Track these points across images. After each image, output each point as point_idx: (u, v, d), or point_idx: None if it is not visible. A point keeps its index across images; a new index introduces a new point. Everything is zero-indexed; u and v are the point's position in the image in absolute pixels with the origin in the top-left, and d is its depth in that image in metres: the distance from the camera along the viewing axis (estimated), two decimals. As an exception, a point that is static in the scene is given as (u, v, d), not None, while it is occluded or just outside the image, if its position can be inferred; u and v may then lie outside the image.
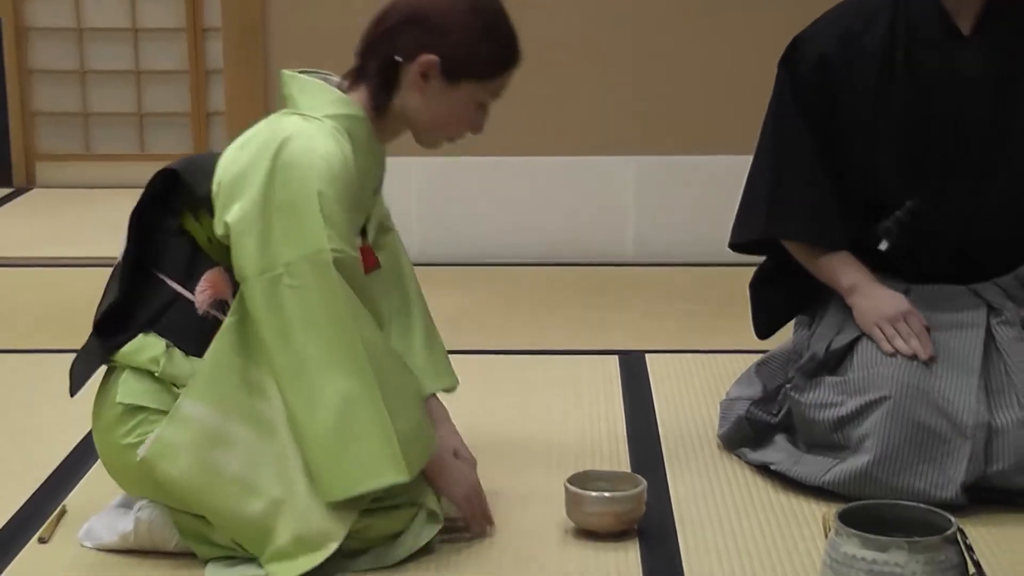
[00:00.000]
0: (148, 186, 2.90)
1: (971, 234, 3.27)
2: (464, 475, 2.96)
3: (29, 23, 6.96)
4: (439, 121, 2.92)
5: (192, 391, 2.78)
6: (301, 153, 2.75)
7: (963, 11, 3.22)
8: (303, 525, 2.75)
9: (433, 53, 2.82)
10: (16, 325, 4.60)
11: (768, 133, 3.40)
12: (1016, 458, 3.06)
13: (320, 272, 2.70)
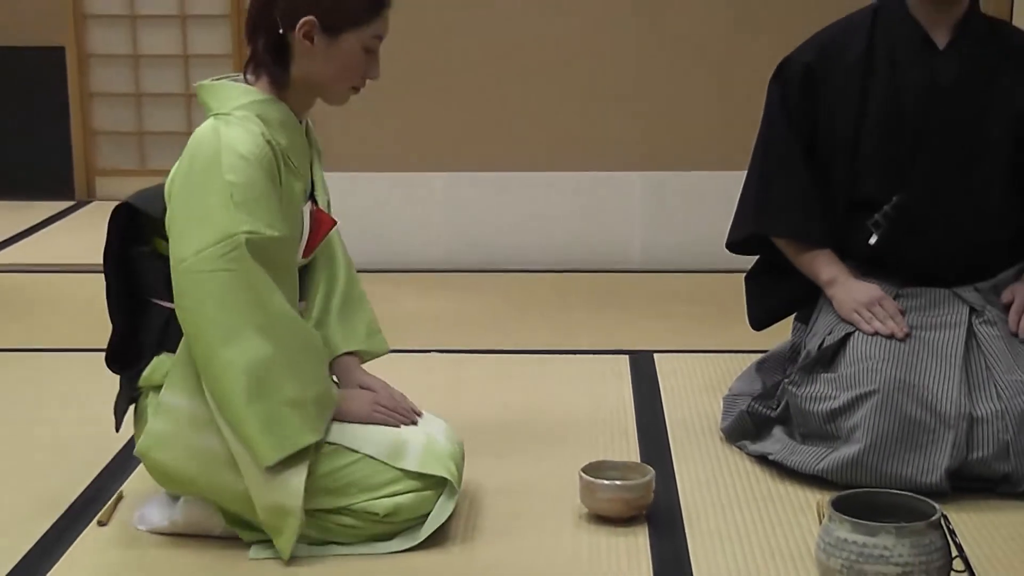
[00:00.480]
0: (110, 225, 2.93)
1: (954, 232, 3.28)
2: (356, 398, 2.92)
3: (90, 51, 6.97)
4: (335, 75, 2.87)
5: (169, 384, 2.80)
6: (209, 148, 2.74)
7: (938, 26, 3.27)
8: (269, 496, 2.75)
9: (309, 15, 2.79)
10: (79, 326, 4.59)
11: (759, 141, 3.46)
12: (995, 446, 3.05)
13: (229, 254, 2.68)
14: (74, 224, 6.49)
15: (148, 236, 2.92)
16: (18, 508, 3.09)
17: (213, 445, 2.78)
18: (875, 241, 3.27)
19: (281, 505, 2.75)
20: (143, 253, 2.93)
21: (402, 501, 2.82)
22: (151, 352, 2.89)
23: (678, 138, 5.32)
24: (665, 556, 2.83)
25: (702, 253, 5.19)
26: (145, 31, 6.96)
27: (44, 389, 3.95)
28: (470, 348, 4.32)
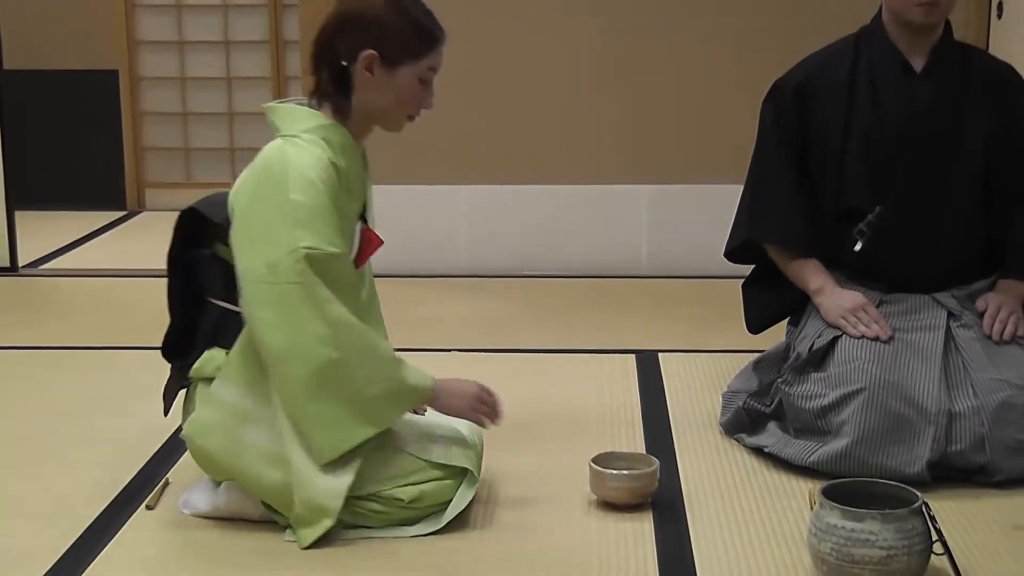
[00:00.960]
0: (176, 228, 2.94)
1: (931, 240, 3.29)
2: (459, 390, 2.92)
3: (141, 74, 6.99)
4: (393, 105, 2.88)
5: (221, 377, 2.82)
6: (278, 168, 2.76)
7: (915, 52, 3.29)
8: (309, 493, 2.76)
9: (370, 49, 2.81)
10: (130, 325, 4.61)
11: (754, 157, 3.48)
12: (972, 440, 3.04)
13: (294, 267, 2.69)
14: (126, 232, 6.50)
15: (210, 240, 2.93)
16: (73, 494, 3.09)
17: (254, 439, 2.79)
18: (860, 248, 3.29)
19: (321, 505, 2.75)
20: (204, 256, 2.94)
21: (426, 489, 2.83)
22: (204, 345, 2.90)
23: (682, 154, 5.33)
24: (668, 540, 2.83)
25: (704, 260, 5.18)
26: (191, 56, 6.98)
27: (97, 383, 3.96)
28: (489, 347, 4.33)
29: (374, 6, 2.82)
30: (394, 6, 2.82)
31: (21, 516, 2.98)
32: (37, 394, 3.87)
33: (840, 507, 2.51)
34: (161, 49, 6.98)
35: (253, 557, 2.76)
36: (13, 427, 3.57)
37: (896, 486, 2.63)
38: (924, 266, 3.30)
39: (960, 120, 3.28)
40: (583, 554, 2.76)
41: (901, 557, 2.47)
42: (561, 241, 5.38)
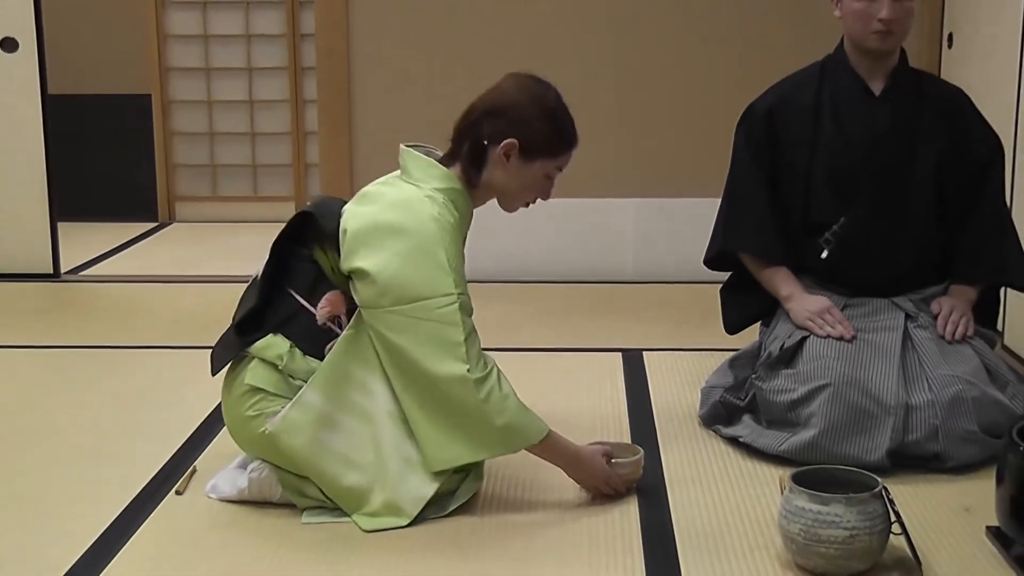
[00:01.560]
0: (289, 222, 2.93)
1: (890, 248, 3.30)
2: (596, 469, 2.91)
3: (172, 97, 6.99)
4: (518, 190, 2.92)
5: (314, 383, 2.79)
6: (426, 219, 2.77)
7: (874, 77, 3.30)
8: (392, 495, 2.77)
9: (514, 138, 2.83)
10: (161, 326, 4.61)
11: (729, 174, 3.49)
12: (927, 430, 3.05)
13: (448, 310, 2.72)
14: (157, 242, 6.50)
15: (311, 242, 2.91)
16: (108, 480, 3.09)
17: (335, 445, 2.78)
18: (826, 255, 3.30)
19: (401, 507, 2.77)
20: (302, 253, 2.91)
21: (435, 481, 2.84)
22: (270, 329, 2.87)
23: (666, 170, 5.33)
24: (652, 521, 2.83)
25: (685, 267, 5.18)
26: (217, 81, 6.97)
27: (130, 380, 3.95)
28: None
29: (530, 101, 2.86)
30: (546, 106, 2.87)
31: (62, 501, 2.98)
32: (75, 390, 3.87)
33: (808, 491, 2.51)
34: (190, 75, 6.98)
35: (275, 538, 2.75)
36: (53, 420, 3.57)
37: (858, 472, 2.63)
38: (883, 273, 3.31)
39: (916, 140, 3.29)
40: (575, 534, 2.77)
41: (863, 537, 2.47)
42: (553, 250, 5.38)
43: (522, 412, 2.80)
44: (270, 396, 2.83)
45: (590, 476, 2.91)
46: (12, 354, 4.29)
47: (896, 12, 3.18)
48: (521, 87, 2.89)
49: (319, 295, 2.86)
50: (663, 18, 5.24)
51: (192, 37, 6.93)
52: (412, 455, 2.80)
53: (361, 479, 2.78)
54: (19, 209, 5.52)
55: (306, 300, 2.87)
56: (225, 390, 2.94)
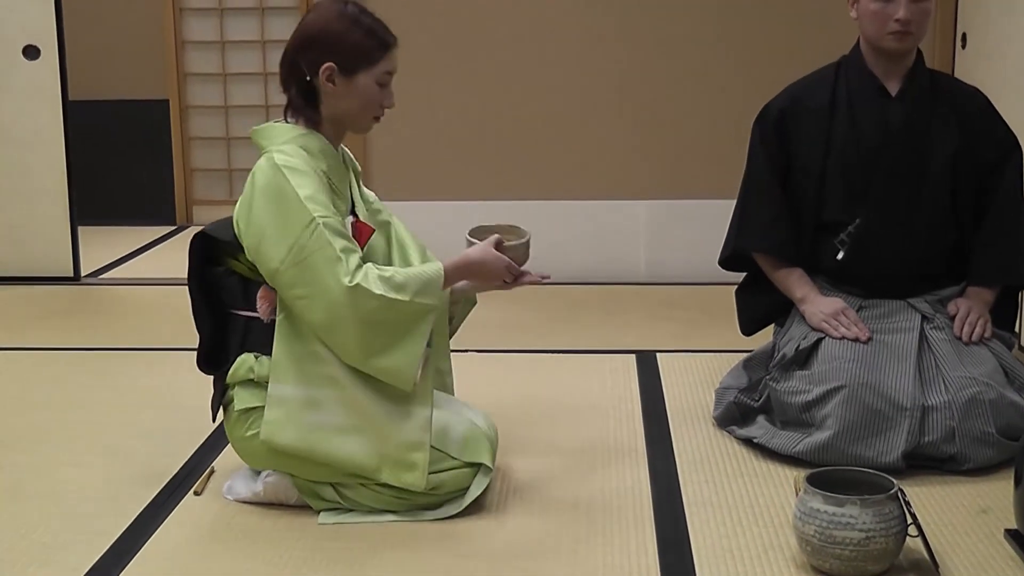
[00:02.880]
0: (190, 250, 2.92)
1: (905, 247, 3.27)
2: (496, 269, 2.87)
3: (189, 103, 6.98)
4: (357, 109, 2.86)
5: (274, 379, 2.78)
6: (271, 172, 2.75)
7: (889, 77, 3.27)
8: (392, 448, 2.74)
9: (328, 61, 2.79)
10: (179, 328, 4.59)
11: (744, 174, 3.45)
12: (943, 431, 3.01)
13: (312, 238, 2.68)
14: (175, 245, 6.49)
15: (222, 258, 2.91)
16: (128, 480, 3.08)
17: (322, 419, 2.76)
18: (842, 257, 3.26)
19: (414, 440, 2.74)
20: (220, 272, 2.91)
21: (445, 477, 2.81)
22: (235, 354, 2.88)
23: (677, 172, 5.32)
24: (666, 521, 2.80)
25: (698, 268, 5.17)
26: (234, 86, 6.96)
27: (150, 380, 3.94)
28: (502, 348, 4.30)
29: (327, 21, 2.81)
30: (345, 19, 2.81)
31: (84, 500, 2.96)
32: (96, 390, 3.86)
33: (823, 493, 2.47)
34: (207, 81, 6.97)
35: (289, 538, 2.74)
36: (75, 420, 3.56)
37: (874, 474, 2.60)
38: (898, 273, 3.28)
39: (930, 140, 3.25)
40: (588, 532, 2.74)
41: (879, 539, 2.44)
42: (567, 251, 5.36)
43: (413, 275, 2.76)
44: (260, 411, 2.83)
45: (494, 276, 2.88)
46: (33, 356, 4.28)
47: (913, 13, 3.14)
48: (317, 14, 2.85)
49: (253, 297, 2.86)
50: (676, 19, 5.22)
51: (209, 43, 6.92)
52: (390, 403, 2.76)
53: (361, 441, 2.75)
54: (40, 213, 5.52)
55: (247, 310, 2.87)
56: (224, 422, 2.95)
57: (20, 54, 5.38)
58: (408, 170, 5.36)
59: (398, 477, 2.75)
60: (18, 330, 4.68)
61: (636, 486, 3.00)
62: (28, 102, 5.43)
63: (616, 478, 3.05)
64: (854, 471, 2.64)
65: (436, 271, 2.79)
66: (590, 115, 5.30)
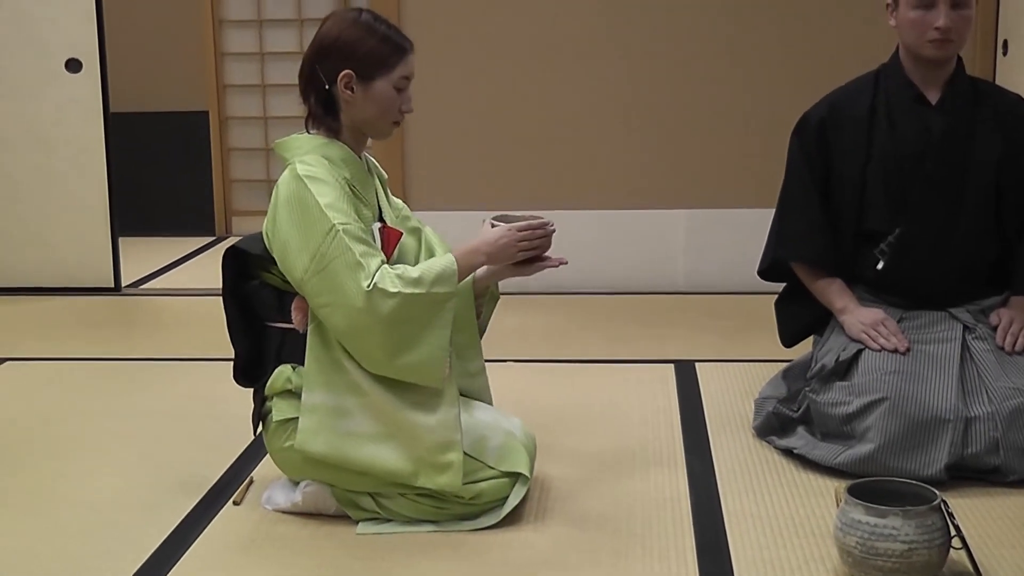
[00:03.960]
0: (223, 266, 2.92)
1: (945, 257, 3.24)
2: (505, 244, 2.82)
3: (228, 114, 7.03)
4: (376, 115, 2.86)
5: (307, 387, 2.78)
6: (293, 183, 2.76)
7: (929, 86, 3.24)
8: (430, 437, 2.73)
9: (345, 69, 2.79)
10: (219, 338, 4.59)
11: (783, 183, 3.43)
12: (986, 443, 2.98)
13: (333, 245, 2.68)
14: (215, 256, 6.47)
15: (255, 271, 2.92)
16: (168, 490, 3.09)
17: (356, 426, 2.76)
18: (882, 267, 3.23)
19: (446, 440, 2.73)
20: (253, 286, 2.92)
21: (484, 487, 2.80)
22: (272, 366, 2.88)
23: (716, 181, 5.30)
24: (706, 532, 2.78)
25: (735, 278, 5.15)
26: (273, 97, 7.00)
27: (190, 390, 3.96)
28: (541, 358, 4.30)
29: (342, 30, 2.81)
30: (360, 27, 2.81)
31: (125, 509, 2.98)
32: (136, 400, 3.88)
33: (864, 504, 2.45)
34: (246, 92, 7.01)
35: (328, 548, 2.73)
36: (116, 429, 3.58)
37: (916, 485, 2.57)
38: (939, 283, 3.25)
39: (971, 148, 3.22)
40: (627, 542, 2.72)
41: (922, 551, 2.41)
42: (606, 261, 5.35)
43: (426, 267, 2.74)
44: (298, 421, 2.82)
45: (508, 253, 2.83)
46: (75, 366, 4.31)
47: (953, 20, 3.11)
48: (332, 23, 2.85)
49: (288, 309, 2.86)
50: (716, 29, 5.21)
51: (248, 55, 6.96)
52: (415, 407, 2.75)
53: (392, 447, 2.75)
54: (81, 224, 5.56)
55: (282, 321, 2.87)
56: (263, 433, 2.95)
57: (63, 67, 5.44)
58: (446, 180, 5.36)
59: (433, 480, 2.74)
60: (59, 340, 4.72)
61: (675, 496, 2.99)
62: (70, 114, 5.48)
63: (655, 488, 3.03)
64: (896, 482, 2.61)
65: (448, 260, 2.78)
66: (629, 124, 5.29)
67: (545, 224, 2.87)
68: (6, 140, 5.50)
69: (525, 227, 2.83)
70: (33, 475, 3.21)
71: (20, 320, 5.06)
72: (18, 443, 3.47)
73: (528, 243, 2.85)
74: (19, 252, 5.57)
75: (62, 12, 5.40)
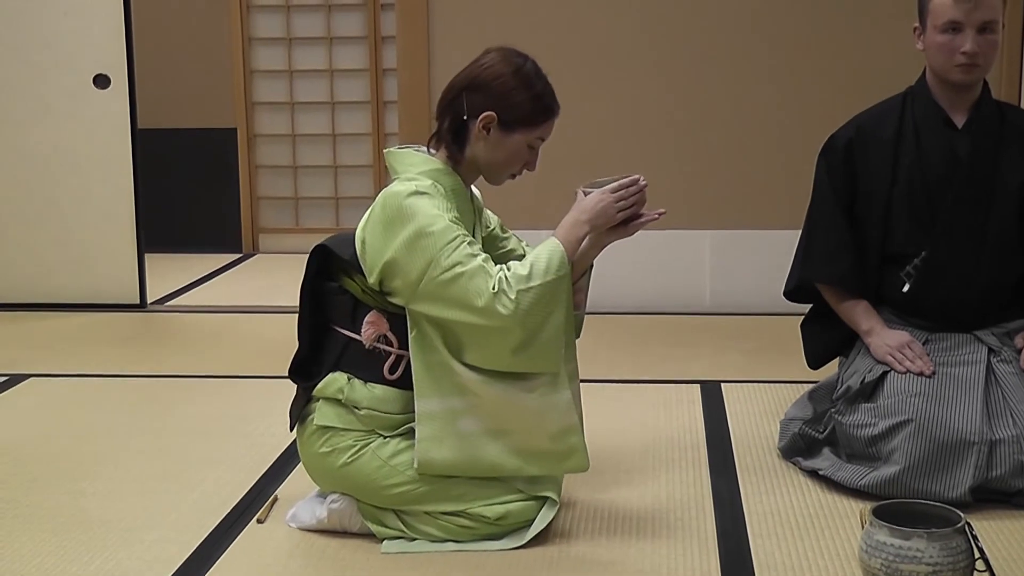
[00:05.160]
0: (308, 262, 2.93)
1: (973, 282, 3.24)
2: (602, 206, 2.85)
3: (257, 131, 7.08)
4: (501, 162, 2.88)
5: (418, 394, 2.78)
6: (405, 193, 2.75)
7: (956, 109, 3.25)
8: (552, 423, 2.77)
9: (491, 110, 2.81)
10: (244, 356, 4.64)
11: (810, 205, 3.44)
12: (1011, 465, 2.98)
13: (459, 251, 2.69)
14: (241, 273, 6.56)
15: (337, 274, 2.92)
16: (193, 507, 3.12)
17: (471, 426, 2.77)
18: (908, 289, 3.24)
19: (567, 425, 2.77)
20: (332, 288, 2.91)
21: (512, 508, 2.82)
22: (328, 370, 2.88)
23: (742, 203, 5.30)
24: (731, 553, 2.79)
25: (761, 299, 5.16)
26: (301, 116, 7.05)
27: (214, 408, 3.98)
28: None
29: (504, 73, 2.82)
30: (521, 76, 2.83)
31: (148, 527, 3.00)
32: (161, 418, 3.90)
33: (889, 526, 2.46)
34: (274, 110, 7.06)
35: (353, 567, 2.75)
36: (140, 446, 3.61)
37: (941, 507, 2.57)
38: (964, 305, 3.25)
39: (997, 172, 3.23)
40: (653, 567, 2.73)
41: (946, 573, 2.41)
42: (631, 281, 5.36)
43: (536, 259, 2.75)
44: (339, 432, 2.84)
45: (607, 217, 2.85)
46: (100, 382, 4.34)
47: (980, 44, 3.12)
48: (497, 60, 2.86)
49: (360, 320, 2.86)
50: (743, 50, 5.23)
51: (277, 72, 7.01)
52: (527, 400, 2.76)
53: (511, 442, 2.77)
54: (108, 241, 5.60)
55: (350, 330, 2.87)
56: (298, 433, 2.96)
57: (91, 83, 5.48)
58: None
59: (559, 467, 2.80)
60: (85, 357, 4.75)
61: (701, 517, 3.00)
62: (98, 130, 5.52)
63: (681, 508, 3.05)
64: (921, 504, 2.61)
65: (552, 244, 2.79)
66: (656, 145, 5.31)
67: (637, 180, 2.88)
68: (34, 155, 5.55)
69: (618, 187, 2.85)
70: (57, 492, 3.24)
71: (45, 336, 5.11)
72: (42, 459, 3.50)
73: (625, 202, 2.87)
74: (45, 268, 5.62)
75: (90, 27, 5.45)
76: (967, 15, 3.11)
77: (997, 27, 3.14)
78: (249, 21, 6.98)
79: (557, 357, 2.77)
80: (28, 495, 3.22)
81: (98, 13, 5.44)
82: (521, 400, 2.76)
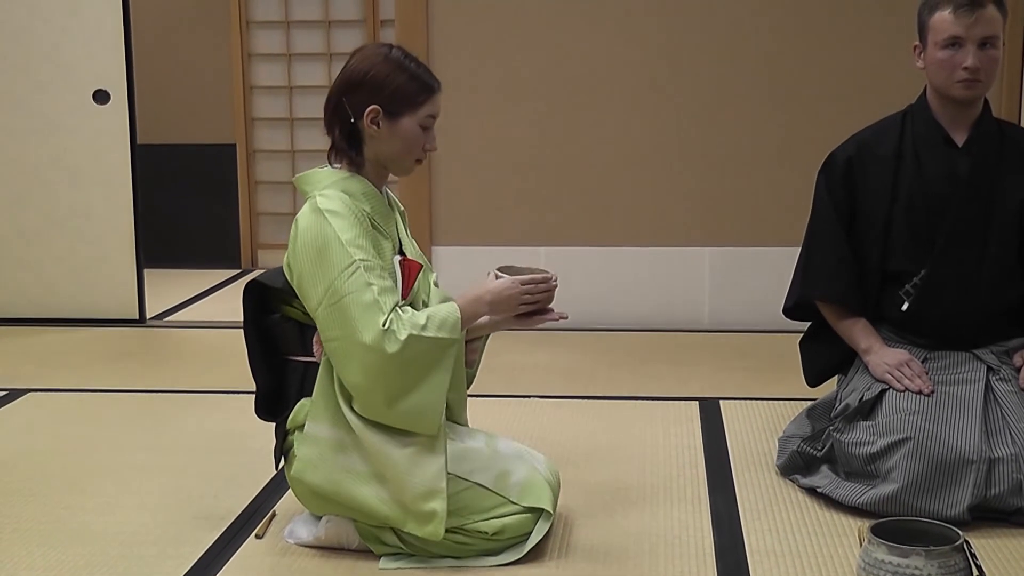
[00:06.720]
0: (244, 300, 2.95)
1: (972, 301, 3.25)
2: (508, 295, 2.84)
3: (256, 147, 7.09)
4: (400, 152, 2.88)
5: (311, 418, 2.81)
6: (312, 217, 2.76)
7: (956, 127, 3.26)
8: (415, 484, 2.73)
9: (373, 104, 2.81)
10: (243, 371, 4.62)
11: (809, 223, 3.45)
12: (1010, 484, 2.98)
13: (349, 280, 2.68)
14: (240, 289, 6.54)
15: (276, 305, 2.95)
16: (190, 522, 3.12)
17: (352, 464, 2.78)
18: (907, 308, 3.25)
19: (430, 489, 2.72)
20: (275, 320, 2.95)
21: (508, 522, 2.82)
22: (294, 400, 2.91)
23: (741, 220, 5.32)
24: (728, 570, 2.79)
25: (760, 316, 5.17)
26: (300, 132, 7.07)
27: (213, 423, 3.99)
28: (566, 394, 4.32)
29: (373, 65, 2.83)
30: (390, 63, 2.83)
31: (146, 542, 3.00)
32: (160, 433, 3.91)
33: (887, 543, 2.47)
34: (273, 126, 7.08)
35: (351, 582, 2.76)
36: (138, 461, 3.61)
37: (939, 525, 2.58)
38: (963, 324, 3.26)
39: (996, 190, 3.24)
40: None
41: (944, 591, 2.42)
42: (630, 298, 5.37)
43: (431, 313, 2.74)
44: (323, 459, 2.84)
45: (509, 305, 2.84)
46: (99, 397, 4.35)
47: (981, 60, 3.13)
48: (363, 56, 2.86)
49: (310, 342, 2.88)
50: (741, 69, 5.24)
51: (276, 88, 7.03)
52: (404, 453, 2.74)
53: (384, 490, 2.76)
54: (107, 256, 5.61)
55: (303, 355, 2.89)
56: (286, 465, 2.97)
57: (90, 98, 5.50)
58: (473, 217, 5.40)
59: (418, 528, 2.75)
60: (84, 371, 4.76)
61: (698, 534, 3.00)
62: (97, 146, 5.53)
63: (679, 525, 3.05)
64: (919, 522, 2.62)
65: (452, 307, 2.79)
66: (654, 162, 5.33)
67: (549, 278, 2.88)
68: (33, 170, 5.57)
69: (529, 280, 2.85)
70: (56, 506, 3.24)
71: (44, 351, 5.12)
72: (40, 474, 3.50)
73: (531, 296, 2.87)
74: (45, 283, 5.63)
75: (90, 43, 5.47)
76: (968, 30, 3.12)
77: (998, 42, 3.16)
78: (248, 37, 7.00)
79: (435, 420, 2.73)
80: (27, 509, 3.22)
81: (98, 29, 5.46)
82: (392, 453, 2.74)
